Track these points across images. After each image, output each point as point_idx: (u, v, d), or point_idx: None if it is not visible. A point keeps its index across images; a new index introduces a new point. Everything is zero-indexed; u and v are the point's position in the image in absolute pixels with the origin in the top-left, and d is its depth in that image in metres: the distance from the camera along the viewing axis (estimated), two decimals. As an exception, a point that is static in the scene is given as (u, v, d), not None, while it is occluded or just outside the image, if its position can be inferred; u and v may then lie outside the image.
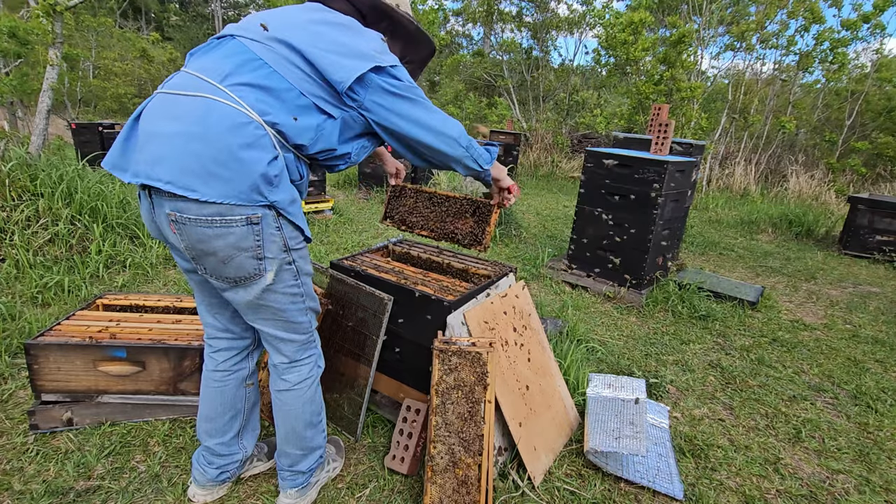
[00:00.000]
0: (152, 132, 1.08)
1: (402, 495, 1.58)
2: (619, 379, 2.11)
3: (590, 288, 3.56)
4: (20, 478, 1.55)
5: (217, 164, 1.05)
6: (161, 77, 15.74)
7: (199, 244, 1.11)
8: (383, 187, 6.30)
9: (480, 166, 1.39)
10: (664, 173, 3.11)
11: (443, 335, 1.57)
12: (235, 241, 1.11)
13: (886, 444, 2.03)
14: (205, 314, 1.41)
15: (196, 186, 1.04)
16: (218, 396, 1.44)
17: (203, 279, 1.31)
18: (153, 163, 1.06)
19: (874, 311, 3.60)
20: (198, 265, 1.18)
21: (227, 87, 1.08)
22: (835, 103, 9.72)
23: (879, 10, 7.95)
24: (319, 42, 1.15)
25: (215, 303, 1.37)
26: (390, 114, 1.21)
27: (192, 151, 1.04)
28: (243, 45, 1.14)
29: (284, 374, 1.37)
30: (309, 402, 1.40)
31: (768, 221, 6.33)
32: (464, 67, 13.28)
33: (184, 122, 1.05)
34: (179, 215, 1.08)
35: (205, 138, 1.04)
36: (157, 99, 1.11)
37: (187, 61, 1.20)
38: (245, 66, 1.12)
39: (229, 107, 1.06)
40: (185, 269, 1.32)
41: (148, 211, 1.18)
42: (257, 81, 1.11)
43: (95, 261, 3.17)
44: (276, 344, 1.34)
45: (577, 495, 1.63)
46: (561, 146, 10.75)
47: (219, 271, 1.16)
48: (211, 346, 1.44)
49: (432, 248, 2.24)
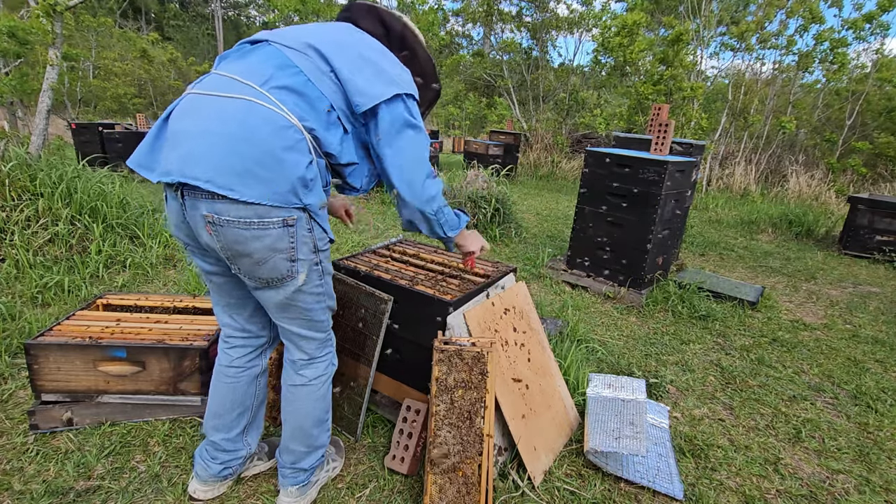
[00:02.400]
0: (187, 131, 1.08)
1: (402, 495, 1.58)
2: (619, 379, 2.11)
3: (590, 288, 3.56)
4: (20, 478, 1.55)
5: (258, 165, 1.07)
6: (161, 77, 15.74)
7: (235, 245, 1.12)
8: (383, 187, 6.29)
9: (444, 233, 1.41)
10: (664, 173, 3.11)
11: (443, 335, 1.57)
12: (272, 243, 1.14)
13: (886, 444, 2.03)
14: (222, 314, 1.41)
15: (235, 186, 1.06)
16: (229, 392, 1.44)
17: (223, 282, 1.32)
18: (190, 162, 1.06)
19: (874, 311, 3.59)
20: (232, 265, 1.19)
21: (268, 91, 1.09)
22: (835, 103, 9.72)
23: (883, 9, 7.94)
24: (350, 59, 1.18)
25: (234, 303, 1.38)
26: (389, 146, 1.24)
27: (233, 151, 1.05)
28: (280, 52, 1.16)
29: (302, 370, 1.39)
30: (321, 399, 1.42)
31: (768, 221, 6.33)
32: (464, 67, 13.28)
33: (224, 122, 1.06)
34: (217, 217, 1.08)
35: (247, 139, 1.06)
36: (189, 99, 1.12)
37: (218, 64, 1.21)
38: (283, 70, 1.14)
39: (271, 110, 1.08)
40: (206, 270, 1.31)
41: (177, 212, 1.17)
42: (295, 87, 1.13)
43: (95, 261, 3.17)
44: (297, 342, 1.36)
45: (577, 495, 1.63)
46: (561, 146, 10.75)
47: (253, 272, 1.18)
48: (227, 342, 1.44)
49: (432, 248, 2.24)
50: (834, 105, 9.75)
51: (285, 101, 1.11)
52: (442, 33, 12.59)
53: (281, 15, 10.04)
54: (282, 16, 10.10)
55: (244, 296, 1.37)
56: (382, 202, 6.16)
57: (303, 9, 10.13)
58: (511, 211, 5.03)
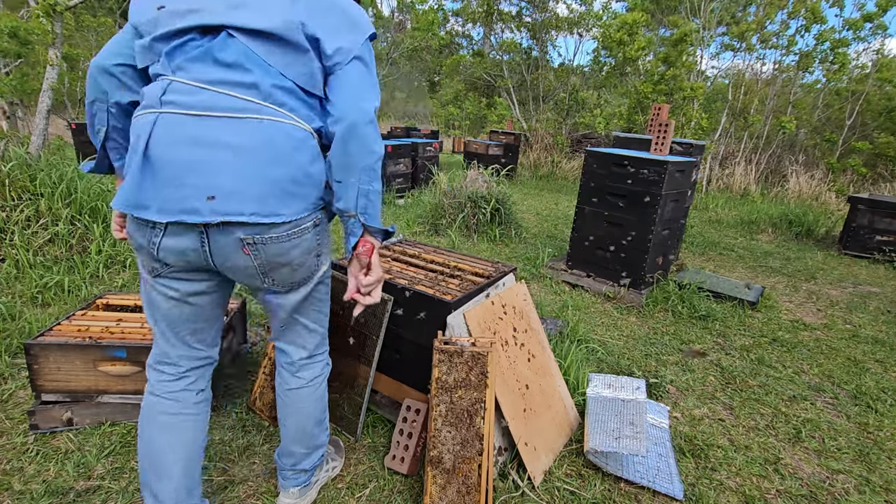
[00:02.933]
0: (202, 163, 0.99)
1: (402, 495, 1.58)
2: (619, 379, 2.11)
3: (590, 288, 3.56)
4: (20, 478, 1.55)
5: (293, 184, 1.07)
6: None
7: (276, 258, 1.12)
8: (383, 187, 6.28)
9: (366, 210, 1.14)
10: (664, 173, 3.11)
11: (443, 335, 1.57)
12: (308, 246, 1.16)
13: (886, 444, 2.03)
14: (178, 346, 1.22)
15: (278, 209, 1.05)
16: (192, 431, 1.26)
17: (206, 301, 1.20)
18: (223, 198, 1.00)
19: (874, 311, 3.59)
20: (265, 277, 1.15)
21: (272, 104, 1.05)
22: (835, 103, 9.73)
23: (882, 9, 7.95)
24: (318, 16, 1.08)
25: (203, 326, 1.24)
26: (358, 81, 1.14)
27: (267, 178, 1.03)
28: (245, 47, 1.04)
29: (300, 372, 1.37)
30: (319, 400, 1.42)
31: (768, 221, 6.33)
32: (464, 67, 13.28)
33: (248, 149, 1.01)
34: (258, 237, 1.06)
35: (276, 161, 1.04)
36: (178, 122, 1.00)
37: (170, 59, 1.04)
38: (266, 71, 1.05)
39: (286, 124, 1.06)
40: (188, 293, 1.16)
41: (188, 245, 1.06)
42: (289, 86, 1.08)
43: (95, 261, 3.17)
44: (304, 337, 1.35)
45: (577, 495, 1.63)
46: (561, 146, 10.75)
47: (288, 278, 1.18)
48: (188, 377, 1.26)
49: (432, 247, 2.24)
50: (834, 105, 9.76)
51: (293, 108, 1.08)
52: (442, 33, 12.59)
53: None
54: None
55: (218, 312, 1.27)
56: (382, 202, 6.15)
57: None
58: (511, 211, 5.03)
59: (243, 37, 1.04)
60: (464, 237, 4.74)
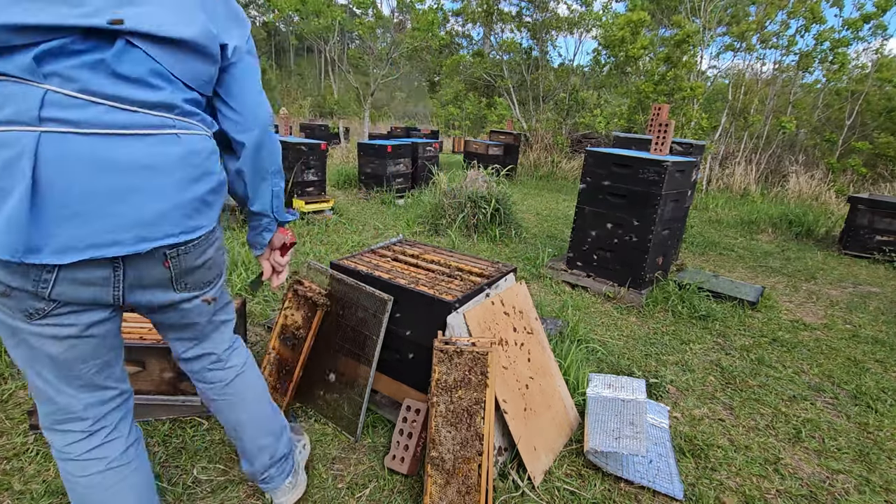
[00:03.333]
0: (115, 189, 0.88)
1: (402, 495, 1.58)
2: (619, 379, 2.11)
3: (590, 288, 3.56)
4: (20, 478, 1.55)
5: (212, 194, 1.04)
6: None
7: (195, 261, 1.07)
8: (383, 187, 6.30)
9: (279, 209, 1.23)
10: (664, 173, 3.11)
11: (443, 335, 1.57)
12: (220, 244, 1.14)
13: (886, 444, 2.03)
14: (85, 394, 1.04)
15: (202, 222, 1.03)
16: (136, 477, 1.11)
17: (107, 330, 1.03)
18: (147, 225, 0.92)
19: (874, 311, 3.60)
20: (179, 283, 1.06)
21: (181, 116, 0.98)
22: (835, 103, 9.74)
23: (881, 9, 7.96)
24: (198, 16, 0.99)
25: (112, 357, 1.07)
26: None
27: (190, 194, 0.98)
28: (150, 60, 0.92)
29: (229, 361, 1.31)
30: (259, 377, 1.38)
31: (768, 221, 6.33)
32: (464, 67, 13.28)
33: (166, 167, 0.94)
34: (181, 248, 1.02)
35: (197, 177, 0.99)
36: (76, 144, 0.84)
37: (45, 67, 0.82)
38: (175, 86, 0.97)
39: (197, 136, 1.01)
40: (86, 324, 0.98)
41: (105, 274, 0.93)
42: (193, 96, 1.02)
43: (95, 261, 3.16)
44: (222, 331, 1.28)
45: (577, 495, 1.63)
46: (561, 146, 10.76)
47: (202, 278, 1.11)
48: (104, 427, 1.07)
49: (432, 247, 2.24)
50: (834, 105, 9.76)
51: (201, 118, 1.04)
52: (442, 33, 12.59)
53: (281, 15, 10.04)
54: (281, 16, 10.10)
55: (121, 339, 1.11)
56: (382, 202, 6.16)
57: (303, 9, 10.14)
58: (511, 211, 5.03)
59: (146, 45, 0.90)
60: (464, 237, 4.74)
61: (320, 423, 1.88)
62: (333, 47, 11.99)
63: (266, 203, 1.20)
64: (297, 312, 1.89)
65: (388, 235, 4.67)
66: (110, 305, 1.00)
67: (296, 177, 5.01)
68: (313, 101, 21.71)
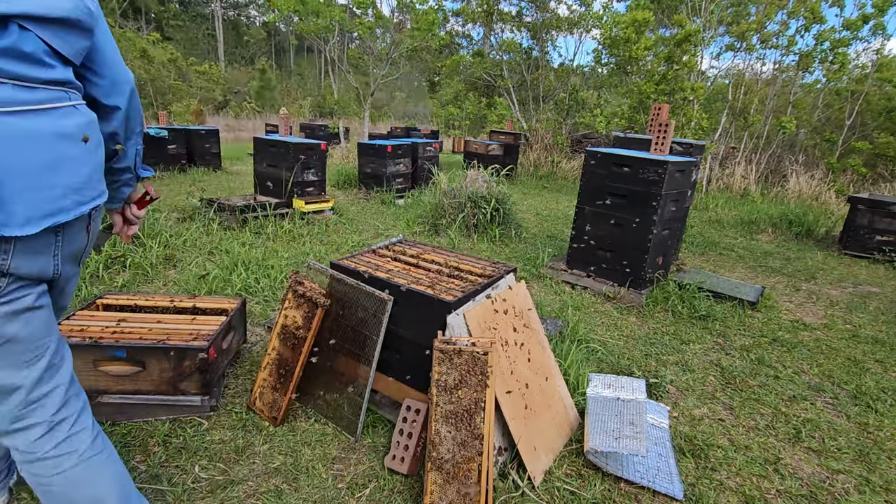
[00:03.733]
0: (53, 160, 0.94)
1: (402, 495, 1.58)
2: (619, 379, 2.11)
3: (590, 288, 3.56)
4: (20, 478, 1.55)
5: (105, 160, 1.13)
6: (161, 77, 15.73)
7: (98, 226, 1.17)
8: (383, 187, 6.29)
9: (141, 164, 1.32)
10: (664, 173, 3.11)
11: (443, 335, 1.57)
12: None
13: (886, 444, 2.03)
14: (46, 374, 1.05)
15: (104, 185, 1.11)
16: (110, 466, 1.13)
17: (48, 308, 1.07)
18: (80, 188, 1.00)
19: (874, 311, 3.60)
20: (85, 254, 1.15)
21: (72, 89, 1.02)
22: (835, 103, 9.74)
23: (880, 10, 7.96)
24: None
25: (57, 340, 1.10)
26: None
27: (98, 159, 1.07)
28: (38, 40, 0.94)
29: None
30: None
31: (768, 221, 6.33)
32: (464, 67, 13.28)
33: (75, 135, 0.99)
34: (93, 213, 1.11)
35: (98, 142, 1.07)
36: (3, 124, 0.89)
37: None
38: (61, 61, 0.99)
39: (84, 105, 1.06)
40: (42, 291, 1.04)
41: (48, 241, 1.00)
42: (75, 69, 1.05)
43: (95, 261, 3.17)
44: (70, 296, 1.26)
45: (577, 495, 1.63)
46: (561, 146, 10.76)
47: (88, 249, 1.17)
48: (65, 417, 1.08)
49: (432, 247, 2.24)
50: (834, 105, 9.76)
51: (78, 88, 1.06)
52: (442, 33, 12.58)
53: (281, 15, 10.04)
54: (281, 16, 10.10)
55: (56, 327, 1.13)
56: (382, 202, 6.16)
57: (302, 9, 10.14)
58: (511, 211, 5.03)
59: (35, 26, 0.92)
60: (464, 237, 4.74)
61: (320, 423, 1.88)
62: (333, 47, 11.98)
63: (130, 160, 1.28)
64: (297, 312, 1.89)
65: (388, 235, 4.67)
66: (48, 280, 1.06)
67: (296, 177, 5.01)
68: (313, 101, 21.71)
